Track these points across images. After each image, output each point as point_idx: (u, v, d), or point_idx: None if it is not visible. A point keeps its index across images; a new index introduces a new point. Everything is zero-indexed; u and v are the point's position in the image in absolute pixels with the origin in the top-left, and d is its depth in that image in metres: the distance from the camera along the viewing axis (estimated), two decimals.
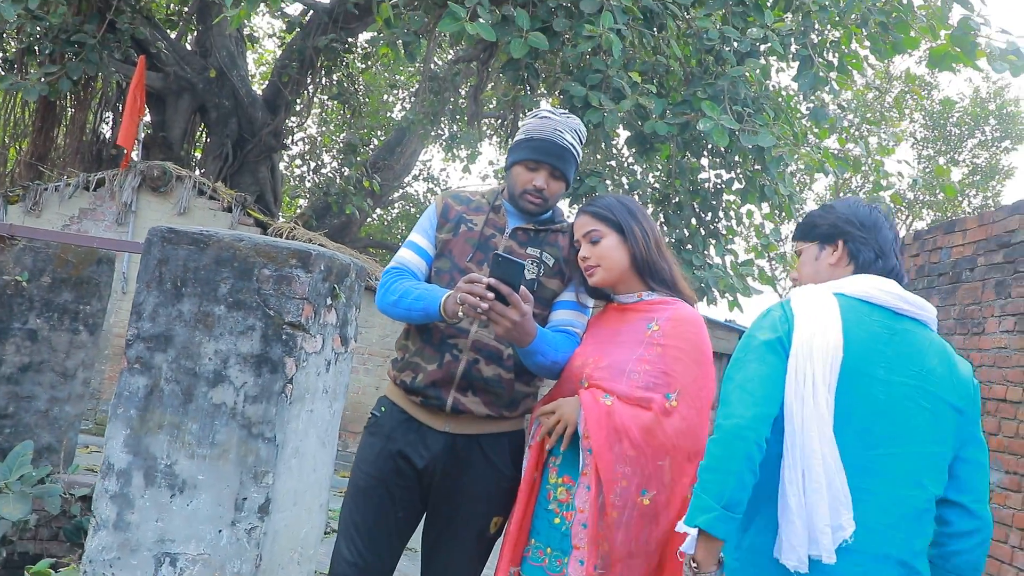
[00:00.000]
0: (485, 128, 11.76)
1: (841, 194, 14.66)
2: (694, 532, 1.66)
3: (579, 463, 1.94)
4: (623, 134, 8.95)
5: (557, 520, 1.96)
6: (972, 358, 4.01)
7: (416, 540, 2.31)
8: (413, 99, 12.54)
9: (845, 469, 1.65)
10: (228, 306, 2.37)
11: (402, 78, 14.78)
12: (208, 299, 2.39)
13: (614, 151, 10.45)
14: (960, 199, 13.40)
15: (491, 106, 10.68)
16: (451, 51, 11.59)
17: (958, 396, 1.77)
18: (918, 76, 14.53)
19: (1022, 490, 3.50)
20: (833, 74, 6.44)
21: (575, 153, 2.20)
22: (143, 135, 10.54)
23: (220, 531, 2.33)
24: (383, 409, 2.23)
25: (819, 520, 1.62)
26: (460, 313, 1.96)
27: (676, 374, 1.92)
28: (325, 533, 3.18)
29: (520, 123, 2.36)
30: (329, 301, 2.53)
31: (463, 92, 10.26)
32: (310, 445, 2.58)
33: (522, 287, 1.93)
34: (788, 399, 1.66)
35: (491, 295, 1.88)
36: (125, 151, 9.10)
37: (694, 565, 1.68)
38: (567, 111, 2.30)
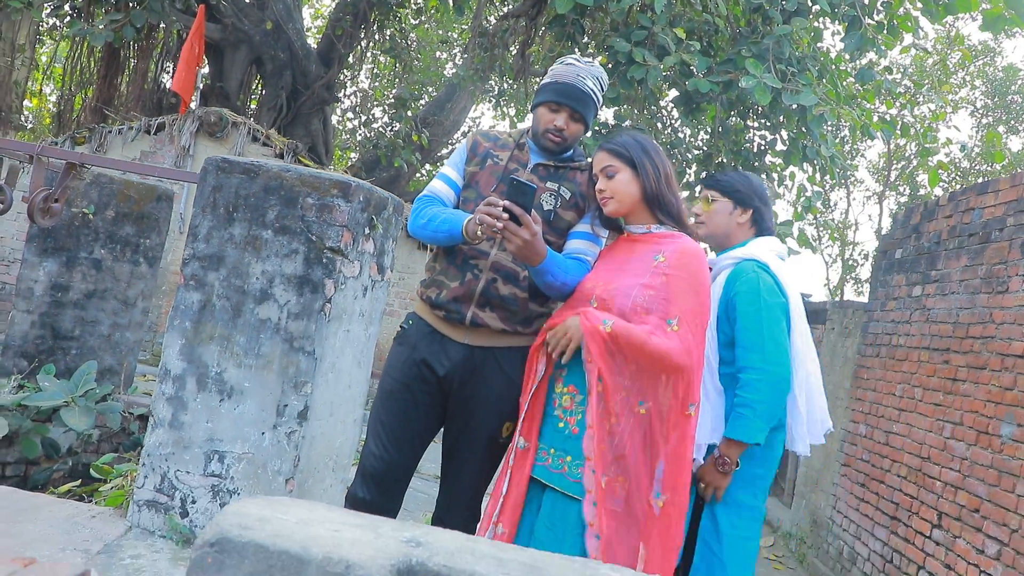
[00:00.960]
0: (534, 84, 11.84)
1: (894, 162, 14.41)
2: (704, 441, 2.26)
3: (586, 382, 2.12)
4: (670, 95, 8.97)
5: (561, 424, 2.15)
6: (995, 316, 4.07)
7: (432, 467, 2.53)
8: (464, 56, 12.64)
9: None
10: (275, 231, 2.60)
11: (454, 34, 14.86)
12: (257, 224, 2.62)
13: (663, 112, 10.45)
14: (1018, 169, 13.04)
15: (539, 65, 10.74)
16: (501, 7, 11.64)
17: None
18: (983, 42, 14.14)
19: None
20: (881, 36, 6.39)
21: (595, 98, 2.41)
22: (201, 85, 10.88)
23: (263, 433, 2.58)
24: (410, 322, 2.46)
25: (815, 418, 2.40)
26: (479, 232, 2.16)
27: (677, 302, 2.09)
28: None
29: (549, 69, 2.54)
30: (367, 230, 2.74)
31: (512, 49, 10.34)
32: (346, 362, 2.81)
33: (533, 211, 2.12)
34: (795, 341, 2.35)
35: (506, 216, 2.08)
36: (182, 99, 9.43)
37: (727, 461, 2.25)
38: (591, 60, 2.47)
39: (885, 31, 6.47)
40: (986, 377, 4.06)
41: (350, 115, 15.40)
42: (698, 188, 2.83)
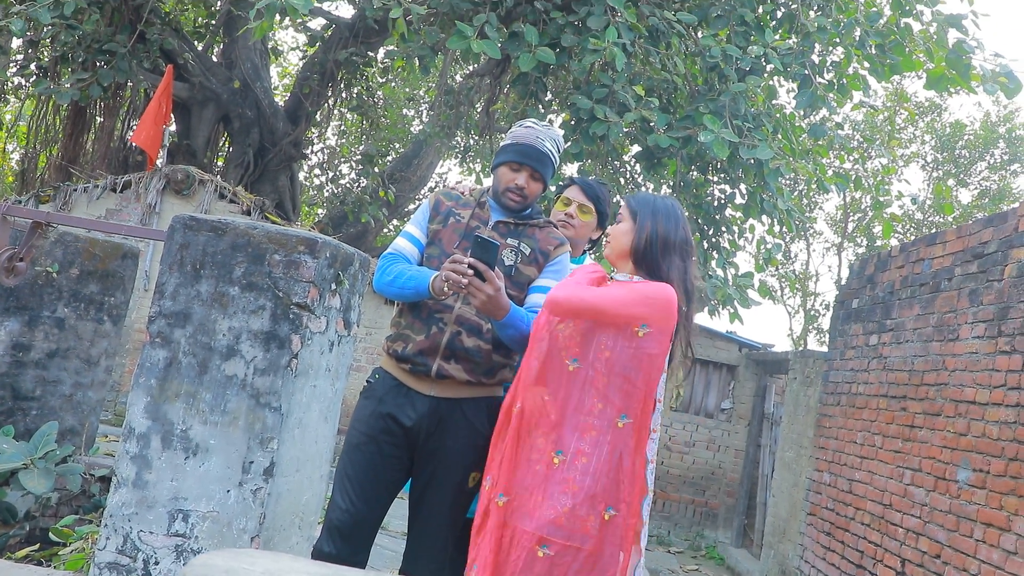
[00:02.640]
0: (499, 140, 12.07)
1: (851, 214, 14.83)
2: None
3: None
4: (632, 150, 9.20)
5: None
6: (947, 363, 4.20)
7: (399, 524, 2.55)
8: (430, 113, 12.85)
9: None
10: (242, 287, 2.63)
11: (421, 92, 15.10)
12: (224, 280, 2.65)
13: (626, 167, 10.69)
14: (969, 220, 13.46)
15: (503, 122, 10.97)
16: (467, 66, 11.90)
17: None
18: (929, 99, 14.73)
19: (986, 487, 3.68)
20: (832, 94, 6.66)
21: (553, 159, 2.55)
22: (168, 143, 10.91)
23: (228, 491, 2.57)
24: (377, 376, 2.50)
25: None
26: (446, 289, 2.23)
27: (646, 312, 2.17)
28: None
29: (507, 132, 2.66)
30: (334, 286, 2.78)
31: (477, 106, 10.55)
32: (313, 418, 2.82)
33: (496, 268, 2.20)
34: None
35: (471, 272, 2.15)
36: (149, 155, 9.45)
37: None
38: (548, 123, 2.59)
39: (835, 90, 6.75)
40: (941, 423, 4.16)
41: (317, 171, 15.50)
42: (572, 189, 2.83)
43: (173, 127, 11.45)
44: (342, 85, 11.76)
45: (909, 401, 4.56)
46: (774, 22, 7.01)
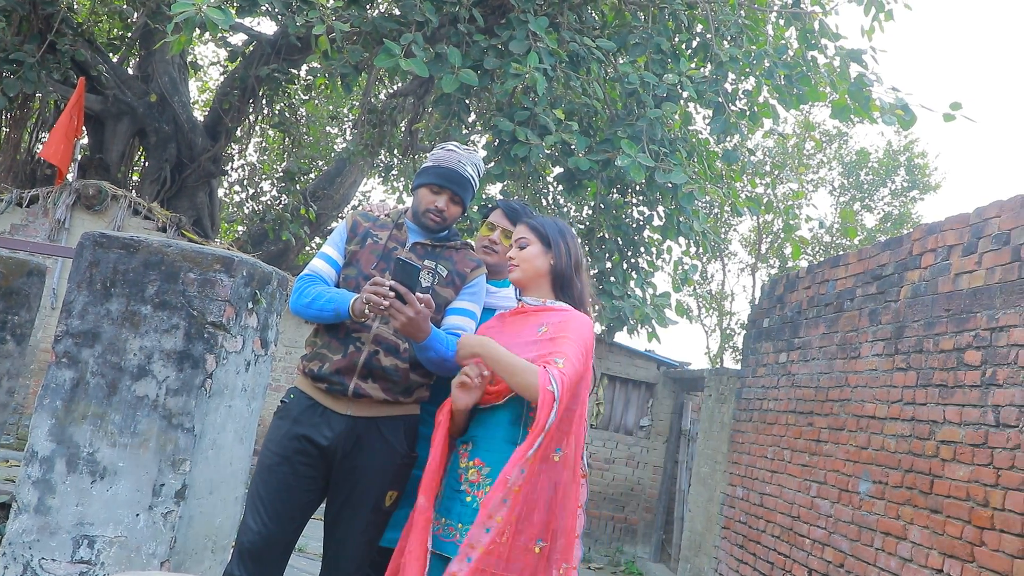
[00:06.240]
0: (422, 160, 12.08)
1: (764, 236, 15.36)
2: None
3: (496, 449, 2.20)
4: (553, 172, 9.36)
5: (469, 499, 2.18)
6: (850, 380, 4.41)
7: (316, 545, 2.53)
8: (353, 131, 12.78)
9: None
10: (154, 306, 2.59)
11: (344, 110, 15.01)
12: (136, 299, 2.60)
13: (549, 188, 10.85)
14: (872, 244, 14.09)
15: (427, 141, 11.00)
16: (390, 86, 11.90)
17: None
18: (835, 127, 15.46)
19: (885, 498, 3.87)
20: (744, 121, 6.93)
21: (473, 184, 2.59)
22: (79, 156, 10.54)
23: (137, 515, 2.51)
24: (292, 396, 2.49)
25: None
26: (367, 311, 2.24)
27: (563, 346, 2.19)
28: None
29: (428, 154, 2.69)
30: (250, 305, 2.76)
31: (401, 126, 10.55)
32: (228, 439, 2.78)
33: (419, 291, 2.23)
34: None
35: (392, 294, 2.17)
36: (58, 169, 9.12)
37: None
38: (469, 148, 2.63)
39: (747, 117, 7.03)
40: (844, 437, 4.36)
41: (237, 188, 15.18)
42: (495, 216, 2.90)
43: (85, 140, 11.08)
44: (264, 101, 11.58)
45: (815, 416, 4.76)
46: (689, 51, 7.28)
